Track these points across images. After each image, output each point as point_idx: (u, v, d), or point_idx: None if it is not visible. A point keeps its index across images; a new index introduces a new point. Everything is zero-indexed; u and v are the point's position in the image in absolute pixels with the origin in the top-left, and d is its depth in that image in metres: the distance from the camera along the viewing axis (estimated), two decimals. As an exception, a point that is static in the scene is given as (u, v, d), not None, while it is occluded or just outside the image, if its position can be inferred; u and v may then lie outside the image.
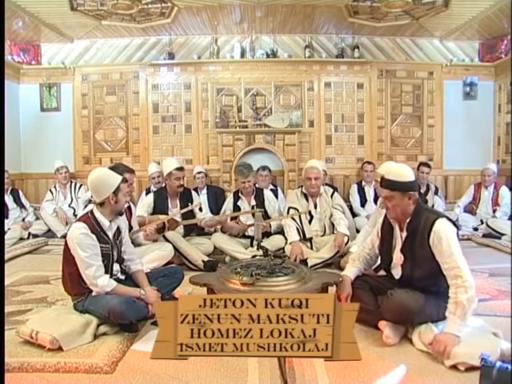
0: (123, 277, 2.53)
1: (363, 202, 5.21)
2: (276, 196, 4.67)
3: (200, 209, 4.04)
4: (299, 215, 3.79)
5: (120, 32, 5.57)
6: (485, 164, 5.31)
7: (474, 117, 5.84)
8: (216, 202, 4.88)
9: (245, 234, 4.06)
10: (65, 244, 2.38)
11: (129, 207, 3.26)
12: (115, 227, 2.48)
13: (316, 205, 3.90)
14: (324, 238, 3.83)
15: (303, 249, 3.64)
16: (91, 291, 2.32)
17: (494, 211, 5.03)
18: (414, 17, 5.07)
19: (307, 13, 5.05)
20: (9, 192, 5.05)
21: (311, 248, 3.80)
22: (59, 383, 1.80)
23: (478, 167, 5.40)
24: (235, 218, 4.01)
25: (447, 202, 5.58)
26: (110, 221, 2.43)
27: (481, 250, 4.35)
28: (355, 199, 5.27)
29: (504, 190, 5.07)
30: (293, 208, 3.82)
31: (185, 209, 3.79)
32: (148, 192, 4.68)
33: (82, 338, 2.15)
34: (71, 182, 5.43)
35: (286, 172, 5.54)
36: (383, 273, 2.52)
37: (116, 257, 2.46)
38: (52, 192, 5.33)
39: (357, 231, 4.01)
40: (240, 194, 4.18)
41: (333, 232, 3.85)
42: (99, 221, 2.38)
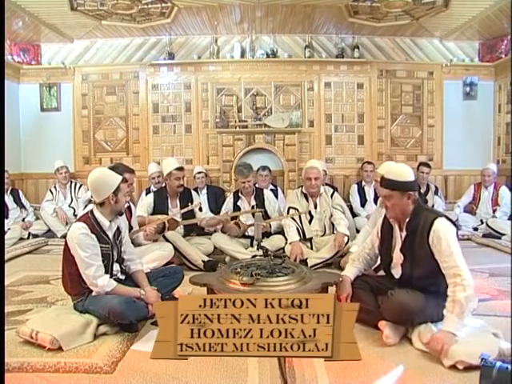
0: (123, 277, 2.53)
1: (363, 202, 5.21)
2: (276, 196, 4.67)
3: (200, 209, 4.04)
4: (299, 215, 3.79)
5: (120, 32, 5.57)
6: (485, 164, 5.31)
7: (474, 117, 5.84)
8: (216, 202, 4.88)
9: (245, 234, 4.06)
10: (65, 244, 2.38)
11: (129, 207, 3.27)
12: (115, 227, 2.48)
13: (316, 205, 3.90)
14: (324, 238, 3.83)
15: (303, 249, 3.64)
16: (91, 291, 2.32)
17: (494, 211, 5.03)
18: (414, 17, 5.07)
19: (307, 13, 5.05)
20: (9, 192, 5.05)
21: (311, 248, 3.80)
22: (59, 383, 1.80)
23: (478, 167, 5.40)
24: (235, 218, 4.01)
25: (447, 202, 5.58)
26: (110, 221, 2.43)
27: (481, 250, 4.35)
28: (355, 199, 5.27)
29: (504, 190, 5.08)
30: (293, 208, 3.82)
31: (185, 209, 3.79)
32: (148, 192, 4.68)
33: (82, 338, 2.15)
34: (71, 182, 5.43)
35: (286, 172, 5.54)
36: (383, 273, 2.52)
37: (116, 257, 2.47)
38: (52, 192, 5.33)
39: (357, 231, 4.01)
40: (240, 194, 4.18)
41: (333, 232, 3.85)
42: (99, 221, 2.39)
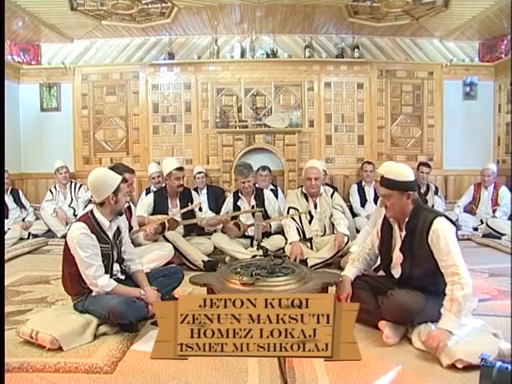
0: (123, 277, 2.53)
1: (363, 202, 5.20)
2: (276, 196, 4.67)
3: (200, 209, 4.04)
4: (299, 215, 3.79)
5: (120, 32, 5.57)
6: (485, 164, 5.31)
7: (474, 117, 5.84)
8: (216, 202, 4.88)
9: (245, 234, 4.06)
10: (65, 244, 2.38)
11: (129, 207, 3.27)
12: (115, 227, 2.48)
13: (316, 205, 3.90)
14: (324, 238, 3.83)
15: (303, 249, 3.64)
16: (91, 291, 2.32)
17: (494, 211, 5.03)
18: (414, 17, 5.07)
19: (307, 13, 5.05)
20: (9, 192, 5.05)
21: (311, 248, 3.80)
22: (59, 383, 1.80)
23: (478, 167, 5.39)
24: (235, 218, 4.01)
25: (447, 202, 5.58)
26: (110, 221, 2.43)
27: (481, 250, 4.35)
28: (355, 199, 5.27)
29: (504, 190, 5.08)
30: (293, 208, 3.82)
31: (185, 209, 3.79)
32: (148, 192, 4.68)
33: (82, 338, 2.15)
34: (71, 182, 5.43)
35: (286, 172, 5.54)
36: (383, 273, 2.52)
37: (116, 257, 2.47)
38: (52, 192, 5.33)
39: (357, 231, 4.01)
40: (240, 194, 4.18)
41: (333, 232, 3.84)
42: (99, 221, 2.39)
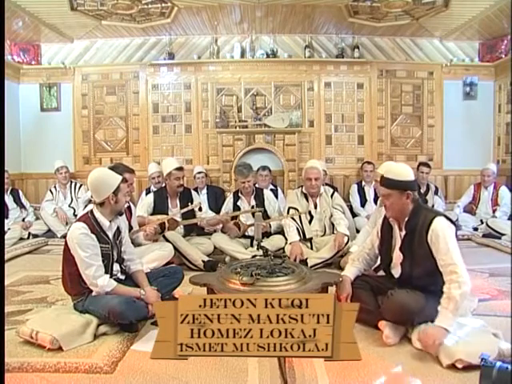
0: (123, 277, 2.53)
1: (363, 202, 5.21)
2: (276, 196, 4.67)
3: (200, 209, 4.04)
4: (299, 215, 3.79)
5: (120, 32, 5.57)
6: (485, 164, 5.31)
7: (474, 117, 5.84)
8: (216, 202, 4.88)
9: (245, 234, 4.06)
10: (65, 244, 2.38)
11: (129, 207, 3.27)
12: (115, 227, 2.48)
13: (316, 205, 3.90)
14: (324, 238, 3.83)
15: (303, 249, 3.64)
16: (91, 291, 2.32)
17: (494, 211, 5.03)
18: (414, 17, 5.07)
19: (307, 13, 5.05)
20: (9, 192, 5.05)
21: (311, 248, 3.80)
22: (59, 383, 1.80)
23: (478, 167, 5.39)
24: (235, 218, 4.01)
25: (447, 202, 5.58)
26: (110, 221, 2.43)
27: (481, 250, 4.35)
28: (355, 199, 5.27)
29: (504, 190, 5.08)
30: (293, 208, 3.82)
31: (185, 209, 3.79)
32: (148, 192, 4.68)
33: (82, 338, 2.15)
34: (71, 182, 5.43)
35: (286, 172, 5.53)
36: (383, 273, 2.52)
37: (116, 257, 2.47)
38: (52, 192, 5.33)
39: (357, 231, 4.01)
40: (240, 194, 4.18)
41: (333, 232, 3.84)
42: (99, 221, 2.39)
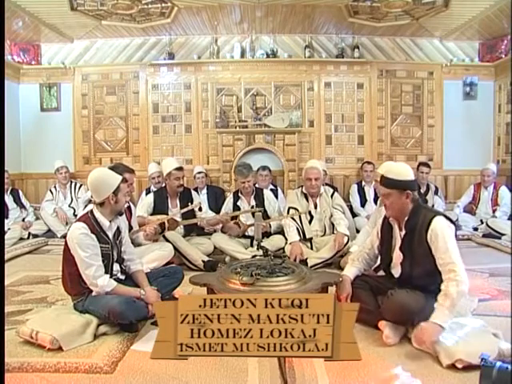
0: (123, 277, 2.53)
1: (363, 202, 5.20)
2: (276, 196, 4.67)
3: (200, 209, 4.04)
4: (299, 215, 3.79)
5: (120, 32, 5.57)
6: (485, 164, 5.31)
7: (474, 117, 5.84)
8: (216, 202, 4.88)
9: (245, 234, 4.06)
10: (65, 244, 2.38)
11: (129, 207, 3.27)
12: (115, 227, 2.48)
13: (316, 205, 3.90)
14: (324, 238, 3.83)
15: (303, 249, 3.63)
16: (91, 291, 2.32)
17: (494, 211, 5.03)
18: (414, 17, 5.07)
19: (307, 13, 5.05)
20: (9, 192, 5.05)
21: (311, 248, 3.80)
22: (59, 383, 1.80)
23: (478, 167, 5.40)
24: (235, 218, 4.01)
25: (447, 202, 5.57)
26: (110, 221, 2.43)
27: (481, 250, 4.35)
28: (355, 199, 5.27)
29: (504, 190, 5.08)
30: (293, 208, 3.82)
31: (185, 209, 3.79)
32: (148, 192, 4.69)
33: (82, 338, 2.15)
34: (71, 182, 5.43)
35: (286, 172, 5.53)
36: (383, 273, 2.52)
37: (116, 257, 2.47)
38: (52, 192, 5.33)
39: (357, 231, 4.01)
40: (240, 194, 4.18)
41: (333, 232, 3.84)
42: (99, 221, 2.39)
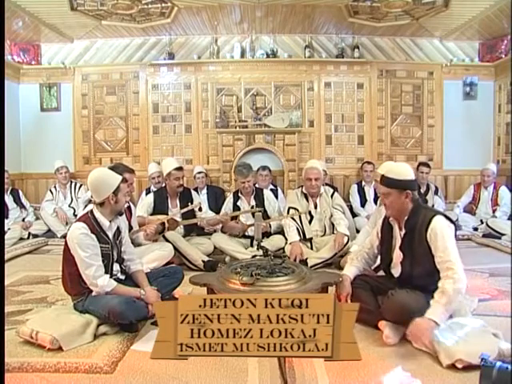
0: (123, 277, 2.53)
1: (363, 202, 5.20)
2: (276, 196, 4.66)
3: (200, 209, 4.04)
4: (299, 215, 3.79)
5: (120, 32, 5.57)
6: (485, 164, 5.32)
7: (474, 117, 5.84)
8: (216, 202, 4.88)
9: (245, 234, 4.06)
10: (65, 244, 2.38)
11: (129, 207, 3.27)
12: (115, 227, 2.48)
13: (316, 205, 3.90)
14: (324, 238, 3.83)
15: (303, 249, 3.63)
16: (91, 291, 2.32)
17: (494, 211, 5.03)
18: (414, 17, 5.07)
19: (307, 13, 5.05)
20: (9, 192, 5.04)
21: (311, 248, 3.80)
22: (59, 383, 1.80)
23: (478, 167, 5.40)
24: (235, 218, 4.01)
25: (447, 202, 5.57)
26: (110, 221, 2.43)
27: (481, 250, 4.35)
28: (355, 199, 5.26)
29: (504, 190, 5.08)
30: (293, 208, 3.82)
31: (185, 209, 3.79)
32: (148, 192, 4.69)
33: (82, 338, 2.15)
34: (71, 182, 5.43)
35: (286, 172, 5.53)
36: (383, 273, 2.52)
37: (116, 257, 2.47)
38: (52, 192, 5.33)
39: (357, 231, 4.01)
40: (240, 194, 4.18)
41: (333, 232, 3.84)
42: (99, 221, 2.39)
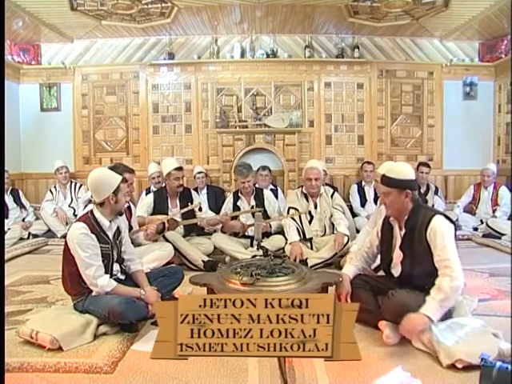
0: (123, 277, 2.53)
1: (363, 202, 5.20)
2: (276, 196, 4.66)
3: (200, 209, 4.04)
4: (299, 215, 3.79)
5: (120, 32, 5.57)
6: (485, 164, 5.32)
7: (474, 117, 5.84)
8: (216, 202, 4.88)
9: (245, 234, 4.06)
10: (65, 244, 2.38)
11: (129, 207, 3.27)
12: (115, 227, 2.48)
13: (316, 205, 3.90)
14: (324, 238, 3.83)
15: (303, 249, 3.63)
16: (91, 291, 2.32)
17: (494, 211, 5.03)
18: (414, 17, 5.07)
19: (307, 13, 5.05)
20: (9, 192, 5.04)
21: (311, 248, 3.80)
22: (59, 383, 1.80)
23: (478, 167, 5.40)
24: (235, 218, 4.01)
25: (447, 202, 5.57)
26: (110, 221, 2.43)
27: (481, 250, 4.35)
28: (355, 199, 5.26)
29: (503, 190, 5.08)
30: (293, 208, 3.82)
31: (185, 209, 3.79)
32: (148, 192, 4.69)
33: (82, 338, 2.15)
34: (71, 182, 5.43)
35: (286, 172, 5.53)
36: (383, 273, 2.52)
37: (116, 257, 2.47)
38: (52, 192, 5.33)
39: (357, 231, 4.01)
40: (240, 194, 4.18)
41: (333, 232, 3.84)
42: (99, 221, 2.39)
